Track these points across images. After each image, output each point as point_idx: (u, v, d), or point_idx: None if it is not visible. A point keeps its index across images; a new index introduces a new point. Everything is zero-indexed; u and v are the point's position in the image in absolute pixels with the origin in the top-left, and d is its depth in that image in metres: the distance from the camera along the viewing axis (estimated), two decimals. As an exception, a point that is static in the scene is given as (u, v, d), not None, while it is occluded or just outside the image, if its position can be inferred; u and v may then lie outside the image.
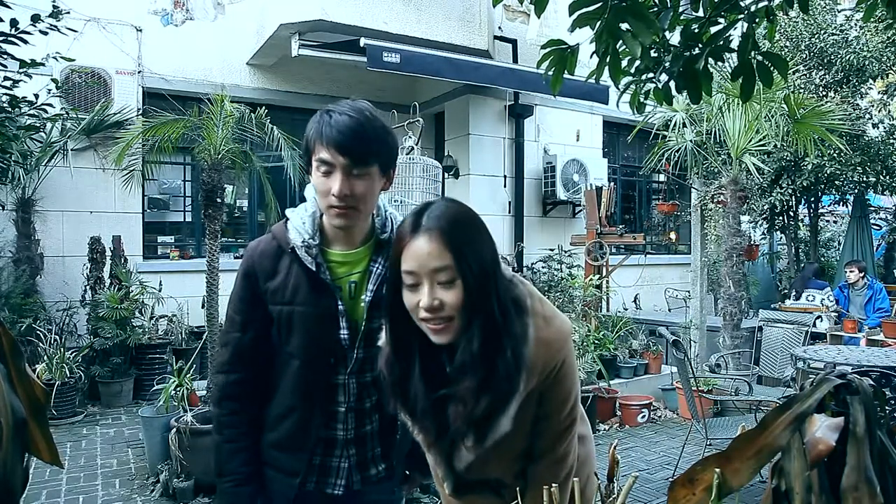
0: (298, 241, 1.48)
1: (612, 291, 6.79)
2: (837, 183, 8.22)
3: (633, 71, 1.96)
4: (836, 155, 7.42)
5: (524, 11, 8.21)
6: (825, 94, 7.94)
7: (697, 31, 1.89)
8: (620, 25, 1.67)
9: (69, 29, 4.04)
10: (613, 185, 7.76)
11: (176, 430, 3.76)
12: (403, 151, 4.76)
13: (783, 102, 5.58)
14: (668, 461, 4.50)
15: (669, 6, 1.85)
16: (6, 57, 3.68)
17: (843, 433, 0.86)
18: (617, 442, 1.57)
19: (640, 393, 5.78)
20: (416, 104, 5.36)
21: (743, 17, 1.79)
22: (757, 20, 1.79)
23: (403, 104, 5.80)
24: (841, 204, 9.45)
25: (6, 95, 3.91)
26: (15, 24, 3.47)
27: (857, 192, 8.58)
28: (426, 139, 8.32)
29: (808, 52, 7.93)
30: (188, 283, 6.43)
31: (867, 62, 7.57)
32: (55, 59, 4.12)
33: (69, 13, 4.21)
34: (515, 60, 7.88)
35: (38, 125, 4.60)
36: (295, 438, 1.52)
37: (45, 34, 3.69)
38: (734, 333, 5.78)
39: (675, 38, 1.93)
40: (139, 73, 6.80)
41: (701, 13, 1.90)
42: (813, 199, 8.92)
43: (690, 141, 6.02)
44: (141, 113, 6.45)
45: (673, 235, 10.01)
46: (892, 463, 0.88)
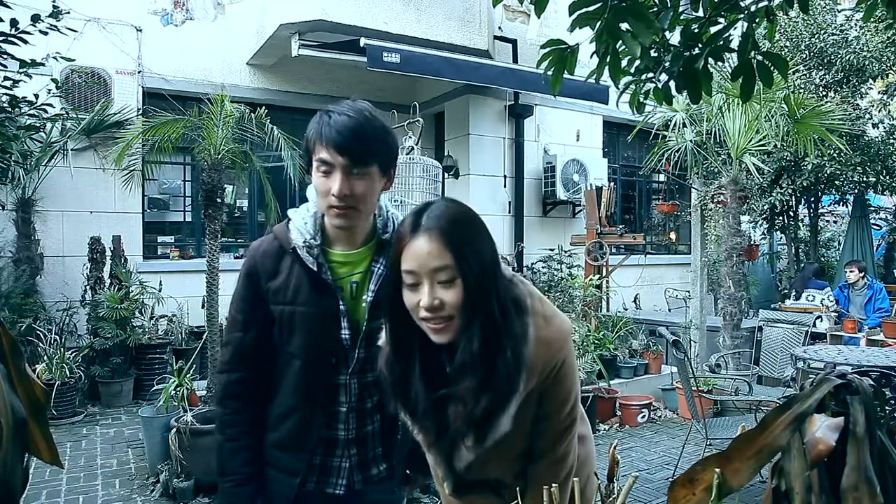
0: (300, 241, 1.48)
1: (612, 291, 6.78)
2: (837, 183, 8.22)
3: (633, 71, 1.96)
4: (836, 155, 7.42)
5: (524, 11, 8.21)
6: (825, 94, 7.94)
7: (697, 31, 1.89)
8: (620, 25, 1.67)
9: (69, 29, 4.04)
10: (613, 185, 7.76)
11: (176, 430, 3.76)
12: (403, 151, 4.75)
13: (783, 102, 5.58)
14: (668, 461, 4.51)
15: (669, 6, 1.85)
16: (6, 57, 3.68)
17: (843, 433, 0.86)
18: (617, 442, 1.57)
19: (640, 393, 5.78)
20: (416, 104, 5.35)
21: (743, 17, 1.79)
22: (757, 20, 1.79)
23: (403, 104, 5.79)
24: (841, 204, 9.45)
25: (6, 95, 3.91)
26: (15, 24, 3.47)
27: (857, 192, 8.58)
28: (426, 139, 8.32)
29: (808, 52, 7.93)
30: (188, 283, 6.44)
31: (867, 62, 7.57)
32: (55, 59, 4.12)
33: (69, 13, 4.20)
34: (515, 60, 7.87)
35: (38, 125, 4.60)
36: (296, 438, 1.52)
37: (45, 34, 3.68)
38: (734, 333, 5.78)
39: (675, 38, 1.93)
40: (139, 73, 6.80)
41: (701, 13, 1.90)
42: (813, 199, 8.92)
43: (690, 141, 6.02)
44: (141, 113, 6.45)
45: (673, 235, 10.01)
46: (892, 463, 0.88)
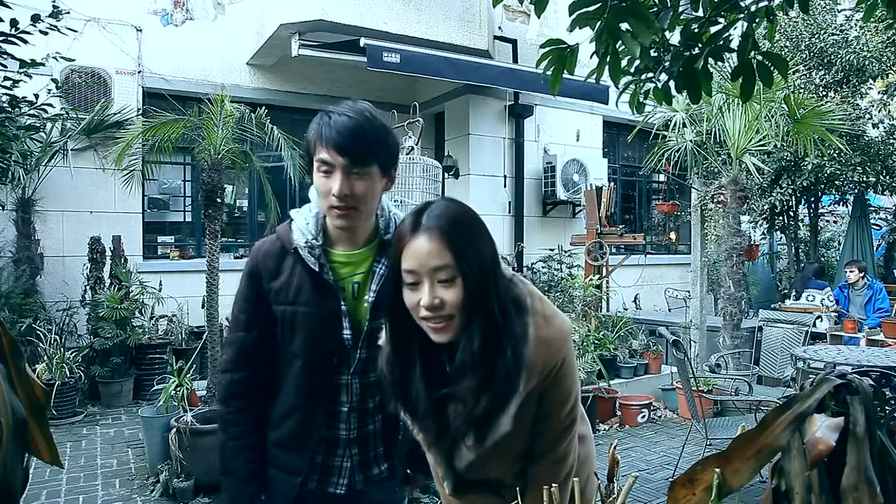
0: (301, 241, 1.49)
1: (612, 291, 6.78)
2: (837, 183, 8.22)
3: (632, 71, 1.96)
4: (836, 155, 7.42)
5: (524, 11, 8.21)
6: (825, 94, 7.94)
7: (697, 30, 1.89)
8: (620, 25, 1.67)
9: (69, 29, 4.04)
10: (613, 185, 7.76)
11: (176, 430, 3.76)
12: (403, 151, 4.75)
13: (783, 102, 5.58)
14: (668, 461, 4.50)
15: (669, 6, 1.84)
16: (6, 57, 3.68)
17: (843, 433, 0.86)
18: (617, 442, 1.57)
19: (640, 393, 5.78)
20: (416, 104, 5.35)
21: (743, 16, 1.79)
22: (757, 20, 1.79)
23: (403, 104, 5.79)
24: (841, 204, 9.45)
25: (6, 95, 3.91)
26: (15, 24, 3.47)
27: (857, 192, 8.58)
28: (426, 139, 8.32)
29: (808, 52, 7.93)
30: (188, 283, 6.44)
31: (867, 62, 7.57)
32: (55, 59, 4.12)
33: (69, 13, 4.20)
34: (515, 60, 7.87)
35: (38, 125, 4.60)
36: (297, 438, 1.53)
37: (45, 34, 3.68)
38: (734, 333, 5.78)
39: (674, 37, 1.93)
40: (139, 73, 6.80)
41: (701, 13, 1.89)
42: (813, 199, 8.92)
43: (690, 141, 6.02)
44: (141, 113, 6.44)
45: (673, 235, 10.01)
46: (892, 463, 0.88)
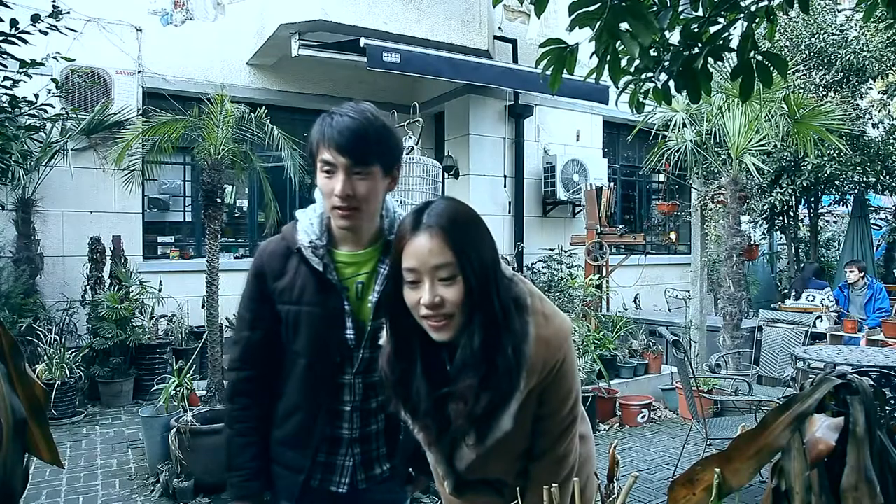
0: (305, 241, 1.49)
1: (612, 291, 6.78)
2: (837, 183, 8.23)
3: (632, 70, 1.96)
4: (836, 155, 7.42)
5: (524, 11, 8.21)
6: (825, 94, 7.94)
7: (697, 30, 1.89)
8: (620, 25, 1.67)
9: (69, 29, 4.04)
10: (613, 185, 7.76)
11: (176, 430, 3.76)
12: (403, 151, 4.75)
13: (783, 102, 5.58)
14: (668, 461, 4.50)
15: (669, 6, 1.84)
16: (6, 57, 3.68)
17: (843, 433, 0.86)
18: (617, 442, 1.57)
19: (640, 393, 5.77)
20: (416, 104, 5.35)
21: (743, 16, 1.79)
22: (757, 20, 1.79)
23: (403, 104, 5.79)
24: (841, 204, 9.45)
25: (6, 95, 3.91)
26: (15, 24, 3.47)
27: (857, 192, 8.59)
28: (426, 139, 8.32)
29: (808, 52, 7.93)
30: (188, 283, 6.44)
31: (867, 62, 7.57)
32: (55, 59, 4.12)
33: (69, 13, 4.20)
34: (515, 60, 7.88)
35: (38, 125, 4.60)
36: (300, 436, 1.54)
37: (45, 34, 3.68)
38: (734, 333, 5.78)
39: (674, 37, 1.93)
40: (139, 73, 6.81)
41: (701, 13, 1.90)
42: (813, 199, 8.92)
43: (690, 141, 6.01)
44: (141, 113, 6.45)
45: (673, 235, 10.01)
46: (892, 463, 0.88)
